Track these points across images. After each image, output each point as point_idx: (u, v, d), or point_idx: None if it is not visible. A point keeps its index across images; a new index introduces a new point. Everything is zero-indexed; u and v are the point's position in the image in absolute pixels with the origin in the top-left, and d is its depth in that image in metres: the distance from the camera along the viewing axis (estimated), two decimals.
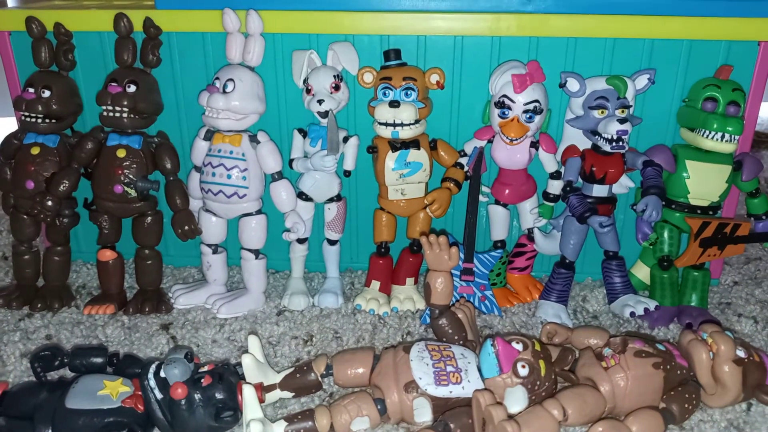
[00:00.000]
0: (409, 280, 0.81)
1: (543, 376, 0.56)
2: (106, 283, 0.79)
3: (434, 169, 0.77)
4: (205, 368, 0.57)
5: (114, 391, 0.56)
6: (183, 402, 0.54)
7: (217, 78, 0.74)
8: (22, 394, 0.57)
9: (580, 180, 0.76)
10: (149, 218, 0.78)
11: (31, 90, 0.75)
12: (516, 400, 0.55)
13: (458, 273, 0.76)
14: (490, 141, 0.76)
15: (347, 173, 0.77)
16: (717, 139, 0.72)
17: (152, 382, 0.55)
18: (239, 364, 0.60)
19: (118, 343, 0.71)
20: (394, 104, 0.72)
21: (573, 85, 0.73)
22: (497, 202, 0.80)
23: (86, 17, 0.77)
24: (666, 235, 0.77)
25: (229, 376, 0.57)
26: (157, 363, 0.57)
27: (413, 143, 0.74)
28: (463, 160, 0.77)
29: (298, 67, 0.75)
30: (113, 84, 0.74)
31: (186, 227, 0.76)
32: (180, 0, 0.76)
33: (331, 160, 0.74)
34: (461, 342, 0.63)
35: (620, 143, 0.71)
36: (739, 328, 0.75)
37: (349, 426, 0.56)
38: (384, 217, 0.79)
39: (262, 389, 0.58)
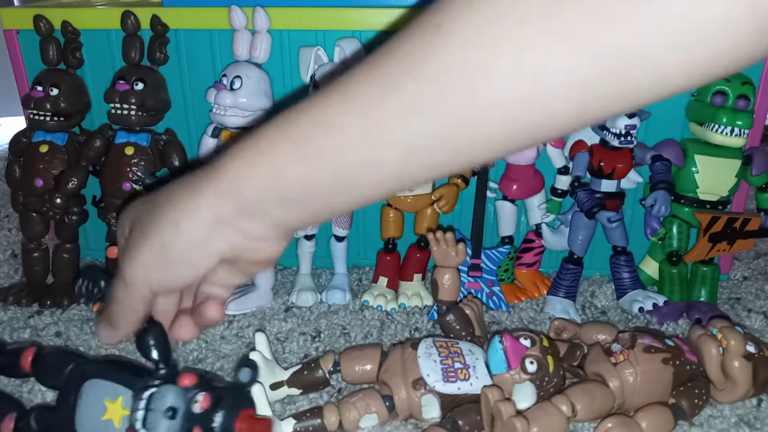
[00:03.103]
0: (417, 276, 0.81)
1: (551, 372, 0.56)
2: None
3: None
4: (200, 397, 0.48)
5: (116, 416, 0.50)
6: None
7: (225, 75, 0.74)
8: (53, 362, 0.54)
9: (588, 175, 0.76)
10: None
11: (40, 88, 0.75)
12: (524, 396, 0.55)
13: (466, 269, 0.76)
14: None
15: None
16: (726, 134, 0.72)
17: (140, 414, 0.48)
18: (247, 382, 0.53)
19: (127, 339, 0.71)
20: None
21: None
22: (505, 198, 0.80)
23: (93, 15, 0.77)
24: (675, 230, 0.76)
25: (224, 406, 0.48)
26: (144, 404, 0.48)
27: None
28: None
29: (305, 64, 0.75)
30: (121, 81, 0.74)
31: None
32: None
33: None
34: (469, 338, 0.63)
35: (628, 138, 0.71)
36: (749, 324, 0.74)
37: (358, 423, 0.56)
38: (391, 213, 0.79)
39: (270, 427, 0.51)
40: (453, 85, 0.32)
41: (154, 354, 0.49)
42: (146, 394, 0.48)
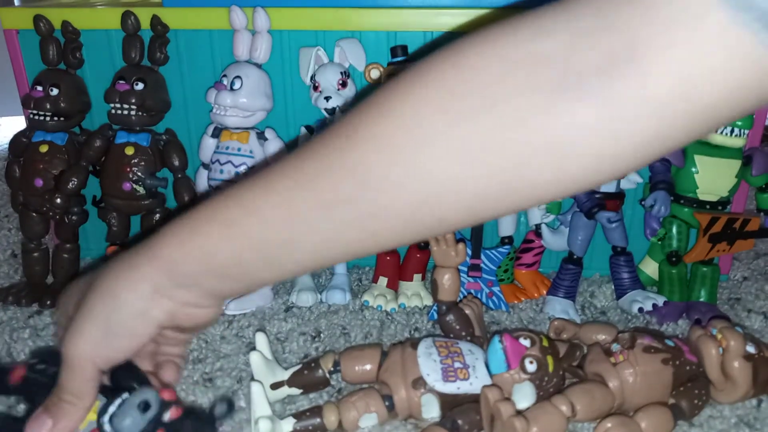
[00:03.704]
0: (417, 276, 0.81)
1: (551, 372, 0.56)
2: None
3: None
4: (173, 409, 0.49)
5: (85, 420, 0.49)
6: None
7: (225, 75, 0.74)
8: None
9: None
10: (157, 215, 0.78)
11: (40, 88, 0.75)
12: (524, 395, 0.55)
13: (465, 269, 0.76)
14: None
15: None
16: (726, 134, 0.72)
17: (107, 427, 0.48)
18: (219, 403, 0.53)
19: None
20: None
21: None
22: None
23: (93, 15, 0.77)
24: (674, 230, 0.76)
25: (190, 425, 0.49)
26: (119, 402, 0.49)
27: None
28: None
29: (305, 64, 0.75)
30: (121, 81, 0.74)
31: None
32: None
33: None
34: (469, 338, 0.63)
35: None
36: (748, 324, 0.74)
37: (357, 422, 0.56)
38: None
39: None
40: (360, 186, 0.37)
41: (131, 381, 0.50)
42: (124, 395, 0.48)
